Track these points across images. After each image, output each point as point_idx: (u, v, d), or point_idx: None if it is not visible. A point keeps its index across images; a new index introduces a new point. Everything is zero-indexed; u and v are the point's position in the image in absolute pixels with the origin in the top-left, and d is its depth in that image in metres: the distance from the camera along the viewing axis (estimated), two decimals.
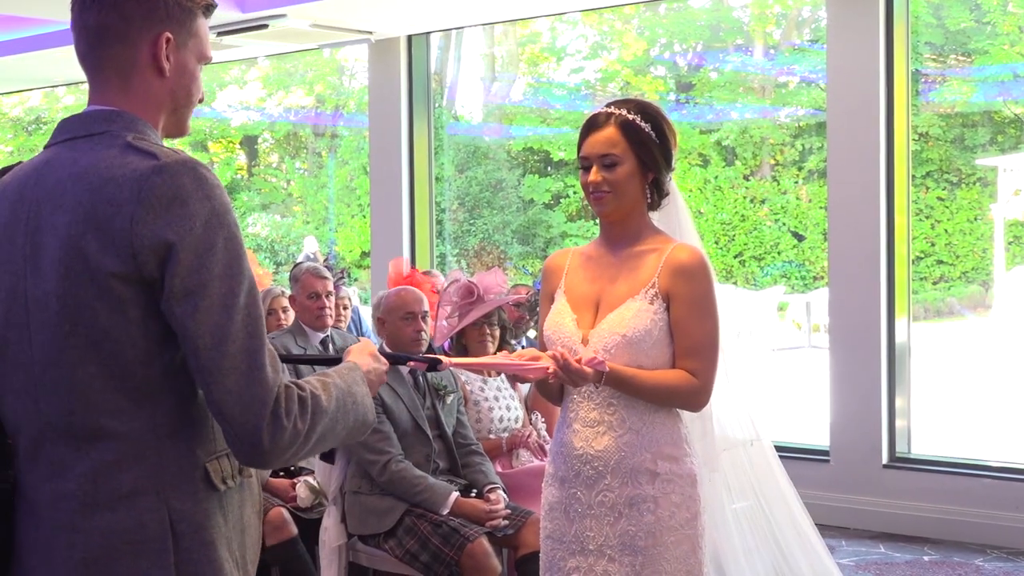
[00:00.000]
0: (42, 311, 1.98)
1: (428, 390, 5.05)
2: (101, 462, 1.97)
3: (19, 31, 9.88)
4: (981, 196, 19.84)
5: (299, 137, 23.49)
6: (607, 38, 21.84)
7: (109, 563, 1.97)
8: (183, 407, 2.02)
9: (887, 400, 7.34)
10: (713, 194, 21.16)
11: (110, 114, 2.06)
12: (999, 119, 20.52)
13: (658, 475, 3.01)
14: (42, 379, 1.99)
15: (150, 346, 1.96)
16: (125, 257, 1.91)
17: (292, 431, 1.96)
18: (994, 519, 6.85)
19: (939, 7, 19.58)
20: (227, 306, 1.93)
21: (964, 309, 20.13)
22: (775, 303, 18.74)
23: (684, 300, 3.02)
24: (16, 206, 2.05)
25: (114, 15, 2.06)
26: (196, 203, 1.92)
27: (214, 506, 2.04)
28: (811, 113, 20.32)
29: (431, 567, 4.77)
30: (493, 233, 20.90)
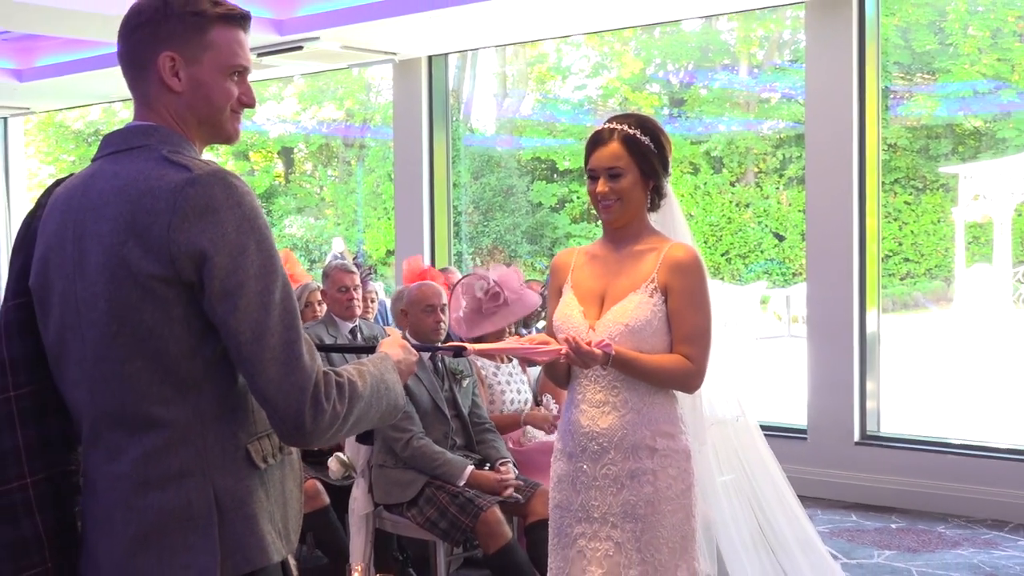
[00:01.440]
0: (91, 312, 1.97)
1: (446, 374, 5.05)
2: (152, 447, 1.96)
3: (79, 52, 9.89)
4: (943, 201, 19.80)
5: (331, 147, 23.49)
6: (607, 58, 21.82)
7: (161, 537, 1.97)
8: (224, 395, 2.01)
9: (859, 384, 7.33)
10: (702, 199, 21.15)
11: (148, 129, 2.05)
12: (960, 131, 20.47)
13: (656, 451, 3.02)
14: (94, 373, 1.99)
15: (192, 341, 1.95)
16: (164, 262, 1.90)
17: (332, 413, 1.95)
18: (954, 491, 6.84)
19: (906, 30, 19.53)
20: (264, 303, 1.92)
21: (928, 302, 20.09)
22: (758, 297, 18.75)
23: (680, 293, 3.03)
24: (64, 216, 2.04)
25: (127, 44, 2.07)
26: (227, 211, 1.91)
27: (256, 483, 2.03)
28: (791, 126, 20.29)
29: (449, 533, 4.77)
30: (505, 234, 20.89)
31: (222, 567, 1.96)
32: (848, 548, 6.12)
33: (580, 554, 3.04)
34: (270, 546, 2.03)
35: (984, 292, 16.22)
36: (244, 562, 1.99)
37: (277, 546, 2.05)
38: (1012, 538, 6.29)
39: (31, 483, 2.04)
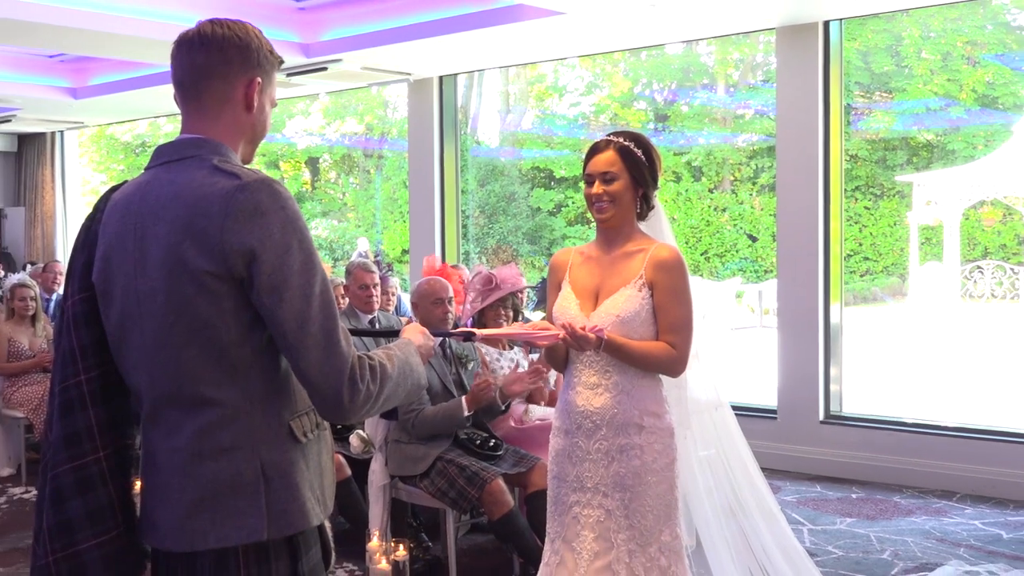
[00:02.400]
0: (150, 304, 2.00)
1: (453, 359, 5.06)
2: (206, 424, 1.99)
3: (127, 73, 9.90)
4: (899, 206, 19.80)
5: (352, 158, 23.50)
6: (599, 78, 21.82)
7: (214, 502, 1.99)
8: (270, 378, 2.03)
9: (823, 369, 7.34)
10: (684, 204, 21.16)
11: (198, 141, 2.06)
12: (914, 144, 20.48)
13: (644, 428, 3.03)
14: (153, 359, 2.02)
15: (242, 330, 1.98)
16: (217, 260, 1.93)
17: (366, 392, 1.99)
18: (908, 464, 6.84)
19: (866, 53, 19.53)
20: (306, 295, 1.95)
21: (885, 296, 20.10)
22: (733, 292, 18.76)
23: (665, 288, 3.04)
24: (125, 218, 2.06)
25: (219, 56, 2.07)
26: (272, 214, 1.94)
27: (298, 455, 2.05)
28: (763, 139, 20.29)
29: (457, 502, 4.77)
30: (507, 235, 20.92)
31: (268, 529, 1.99)
32: (813, 516, 6.12)
33: (575, 520, 3.05)
34: (310, 511, 2.05)
35: (935, 288, 16.21)
36: (287, 525, 2.02)
37: (316, 511, 2.08)
38: (959, 507, 6.29)
39: (103, 456, 2.07)
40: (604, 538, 2.99)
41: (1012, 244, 18.97)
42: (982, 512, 6.17)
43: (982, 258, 17.92)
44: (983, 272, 16.84)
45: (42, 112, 11.56)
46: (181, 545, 2.01)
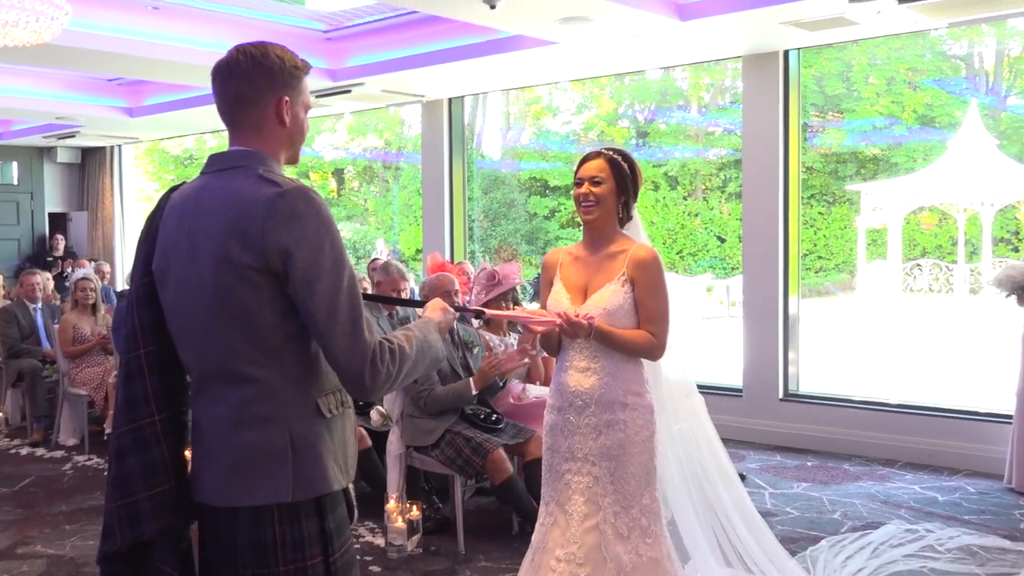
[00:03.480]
0: (200, 292, 2.01)
1: (461, 345, 5.06)
2: (245, 397, 2.01)
3: (177, 94, 9.89)
4: (849, 212, 19.82)
5: (373, 169, 23.47)
6: (588, 100, 21.81)
7: (249, 465, 2.02)
8: (301, 360, 2.04)
9: (783, 354, 7.34)
10: (662, 210, 21.18)
11: (246, 153, 2.08)
12: (862, 157, 20.50)
13: (627, 405, 3.02)
14: (201, 339, 2.04)
15: (277, 318, 2.00)
16: (258, 256, 1.95)
17: (386, 373, 2.01)
18: (857, 436, 6.84)
19: (820, 78, 19.53)
20: (335, 290, 1.96)
21: (837, 290, 20.12)
22: (704, 286, 18.78)
23: (644, 284, 3.03)
24: (180, 218, 2.08)
25: (248, 86, 2.09)
26: (308, 218, 1.95)
27: (323, 429, 2.06)
28: (731, 153, 20.29)
29: (464, 469, 4.78)
30: (508, 237, 20.91)
31: (294, 492, 2.01)
32: (774, 481, 6.12)
33: (567, 486, 3.05)
34: (332, 478, 2.06)
35: (880, 283, 16.24)
36: (311, 489, 2.03)
37: (338, 478, 2.09)
38: (900, 473, 6.29)
39: (158, 419, 2.09)
40: (592, 501, 2.99)
41: (947, 245, 18.97)
42: (920, 478, 6.18)
43: (921, 257, 17.93)
44: (922, 269, 16.85)
45: (102, 129, 11.56)
46: (222, 501, 2.04)
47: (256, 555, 2.01)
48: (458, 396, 4.87)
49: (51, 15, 5.66)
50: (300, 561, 2.02)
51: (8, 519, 5.54)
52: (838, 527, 5.15)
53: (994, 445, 6.24)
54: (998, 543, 4.80)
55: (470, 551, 4.78)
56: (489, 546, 4.84)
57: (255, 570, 2.02)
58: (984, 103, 18.84)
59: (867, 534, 4.91)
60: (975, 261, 16.30)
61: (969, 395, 8.50)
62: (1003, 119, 19.47)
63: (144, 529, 2.06)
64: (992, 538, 4.88)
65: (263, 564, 2.01)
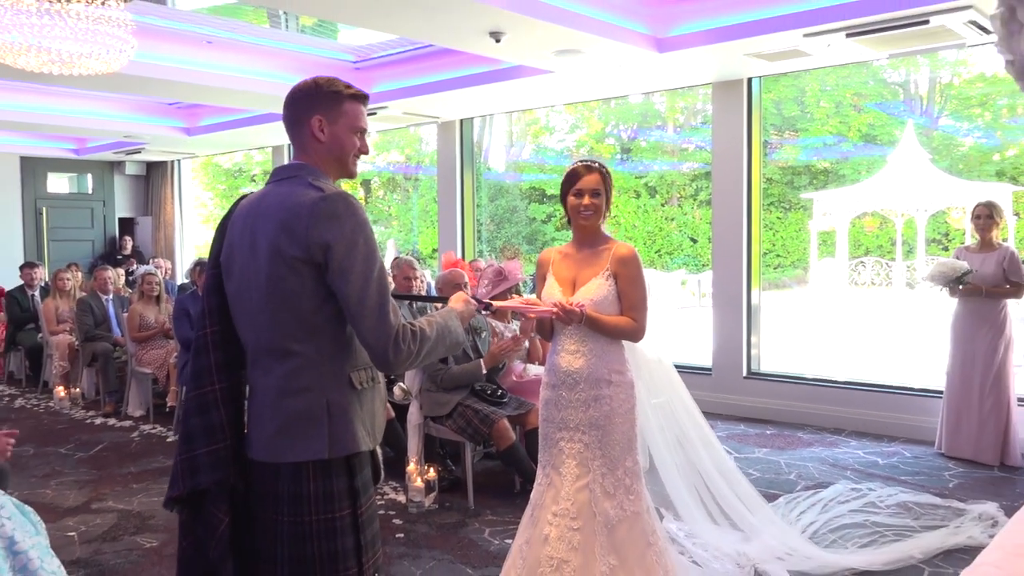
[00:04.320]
0: (256, 280, 2.07)
1: (470, 329, 5.05)
2: (290, 369, 2.05)
3: (228, 116, 9.88)
4: (803, 217, 19.77)
5: (395, 180, 23.43)
6: (579, 120, 21.77)
7: (292, 428, 2.05)
8: (337, 339, 2.07)
9: (746, 338, 7.33)
10: (642, 215, 21.14)
11: (301, 166, 2.14)
12: (815, 170, 20.43)
13: (612, 382, 3.01)
14: (256, 320, 2.09)
15: (318, 302, 2.03)
16: (303, 249, 1.99)
17: (407, 351, 2.04)
18: (810, 409, 6.84)
19: (779, 102, 19.48)
20: (366, 279, 2.00)
21: (792, 284, 20.07)
22: (679, 280, 18.75)
23: (626, 277, 3.02)
24: (246, 219, 2.13)
25: (289, 110, 2.17)
26: (345, 218, 2.00)
27: (354, 399, 2.10)
28: (702, 166, 20.26)
29: (473, 436, 4.78)
30: (511, 238, 20.87)
31: (329, 450, 2.05)
32: (738, 447, 6.12)
33: (560, 451, 3.04)
34: (360, 440, 2.10)
35: (829, 277, 16.19)
36: (343, 448, 2.06)
37: (366, 440, 2.12)
38: (847, 440, 6.29)
39: (218, 388, 2.14)
40: (583, 465, 2.98)
41: (887, 245, 18.92)
42: (864, 444, 6.17)
43: (865, 255, 17.88)
44: (865, 266, 16.81)
45: (163, 145, 11.55)
46: (268, 457, 2.07)
47: (293, 505, 2.04)
48: (470, 374, 4.87)
49: (119, 48, 5.65)
50: (330, 512, 2.05)
51: (84, 479, 5.55)
52: (793, 487, 5.15)
53: (927, 416, 6.23)
54: (930, 500, 4.79)
55: (479, 506, 4.79)
56: (495, 502, 4.85)
57: (291, 518, 2.04)
58: (919, 123, 18.78)
59: (818, 492, 4.91)
60: (911, 259, 16.25)
61: (905, 373, 8.49)
62: (935, 137, 19.41)
63: (201, 479, 2.10)
64: (925, 495, 4.88)
65: (298, 513, 2.04)
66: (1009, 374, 5.60)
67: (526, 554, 3.00)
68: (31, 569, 3.11)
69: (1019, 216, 16.59)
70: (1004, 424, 5.57)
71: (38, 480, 5.51)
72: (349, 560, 2.06)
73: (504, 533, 4.35)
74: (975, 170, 18.35)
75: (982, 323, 5.60)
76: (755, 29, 5.84)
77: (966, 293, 5.60)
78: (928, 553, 3.99)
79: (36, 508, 3.57)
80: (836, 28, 5.56)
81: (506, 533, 4.34)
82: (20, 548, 3.12)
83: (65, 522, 4.68)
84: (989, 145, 18.98)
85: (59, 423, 7.23)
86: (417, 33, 5.90)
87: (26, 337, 9.09)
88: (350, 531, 2.07)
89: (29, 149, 12.16)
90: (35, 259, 11.43)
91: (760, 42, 5.95)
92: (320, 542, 2.04)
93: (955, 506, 4.65)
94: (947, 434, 5.78)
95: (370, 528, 2.12)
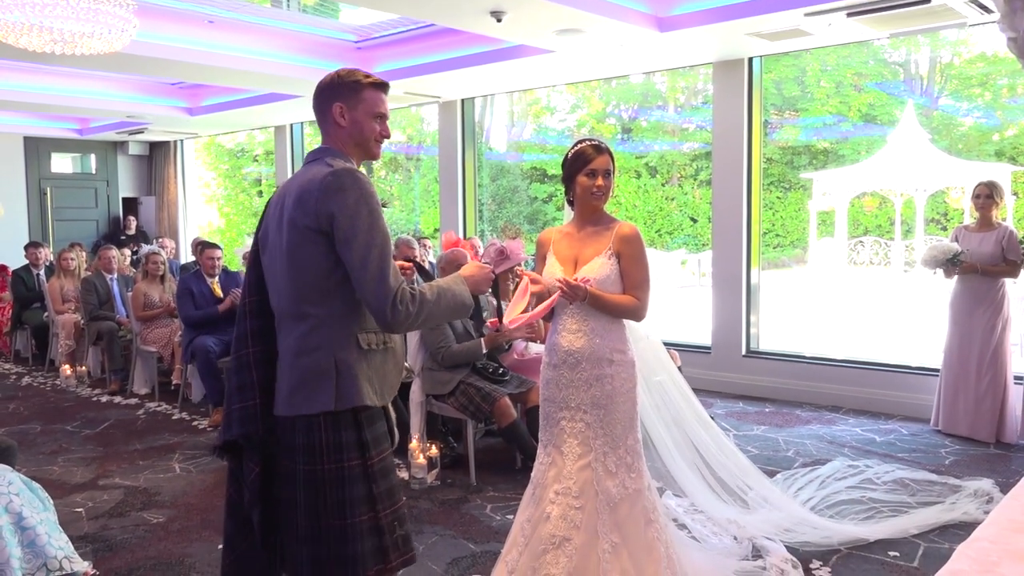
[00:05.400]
0: (280, 250, 2.26)
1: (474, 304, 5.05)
2: (305, 330, 2.23)
3: (230, 96, 9.83)
4: (802, 197, 19.71)
5: (397, 160, 23.34)
6: (580, 100, 21.65)
7: (306, 384, 2.23)
8: (346, 302, 2.22)
9: (745, 317, 7.33)
10: (643, 195, 21.06)
11: (326, 149, 2.32)
12: (814, 150, 20.34)
13: (613, 361, 3.00)
14: (280, 286, 2.28)
15: (329, 268, 2.19)
16: (313, 219, 2.17)
17: (405, 311, 2.18)
18: (807, 387, 6.85)
19: (779, 82, 19.36)
20: (368, 246, 2.14)
21: (791, 263, 20.05)
22: (679, 260, 18.72)
23: (628, 257, 3.00)
24: (278, 198, 2.33)
25: (315, 100, 2.36)
26: (350, 191, 2.15)
27: (361, 359, 2.25)
28: (702, 146, 20.16)
29: (475, 414, 4.79)
30: (512, 218, 20.80)
31: (335, 403, 2.21)
32: (737, 424, 6.14)
33: (562, 431, 3.04)
34: (366, 395, 2.24)
35: (828, 257, 16.17)
36: (348, 401, 2.22)
37: (372, 396, 2.26)
38: (844, 418, 6.31)
39: (253, 351, 2.33)
40: (585, 444, 2.98)
41: (886, 224, 18.88)
42: (861, 422, 6.19)
43: (863, 235, 17.84)
44: (864, 245, 16.78)
45: (166, 125, 11.51)
46: (287, 411, 2.25)
47: (308, 454, 2.21)
48: (470, 353, 4.88)
49: (121, 27, 5.62)
50: (340, 461, 2.21)
51: (91, 456, 5.57)
52: (791, 463, 5.17)
53: (924, 394, 6.25)
54: (926, 476, 4.81)
55: (480, 483, 4.81)
56: (496, 479, 4.87)
57: (306, 466, 2.22)
58: (919, 103, 18.68)
59: (816, 469, 4.93)
60: (910, 238, 16.21)
61: (903, 352, 8.50)
62: (935, 117, 19.31)
63: (234, 432, 2.30)
64: (921, 472, 4.89)
65: (312, 461, 2.21)
66: (1006, 352, 5.61)
67: (528, 532, 3.01)
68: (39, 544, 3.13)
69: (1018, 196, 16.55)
70: (1000, 402, 5.58)
71: (45, 457, 5.54)
72: (360, 507, 2.22)
73: (505, 509, 4.37)
74: (974, 150, 18.28)
75: (980, 302, 5.60)
76: (756, 8, 5.80)
77: (963, 272, 5.59)
78: (924, 528, 4.02)
79: (44, 484, 3.59)
80: (837, 7, 5.52)
81: (507, 509, 4.36)
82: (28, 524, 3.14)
83: (73, 498, 4.71)
84: (989, 125, 18.89)
85: (66, 401, 7.26)
86: (418, 12, 5.86)
87: (32, 316, 9.11)
88: (360, 480, 2.23)
89: (32, 129, 12.12)
90: (40, 239, 11.43)
91: (761, 21, 5.91)
92: (332, 489, 2.21)
93: (951, 482, 4.67)
94: (944, 412, 5.80)
95: (384, 480, 2.27)
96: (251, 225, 20.39)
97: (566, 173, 3.07)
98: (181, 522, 4.32)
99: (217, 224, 19.82)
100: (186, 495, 4.74)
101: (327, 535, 2.20)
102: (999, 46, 17.08)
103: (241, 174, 21.61)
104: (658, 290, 3.41)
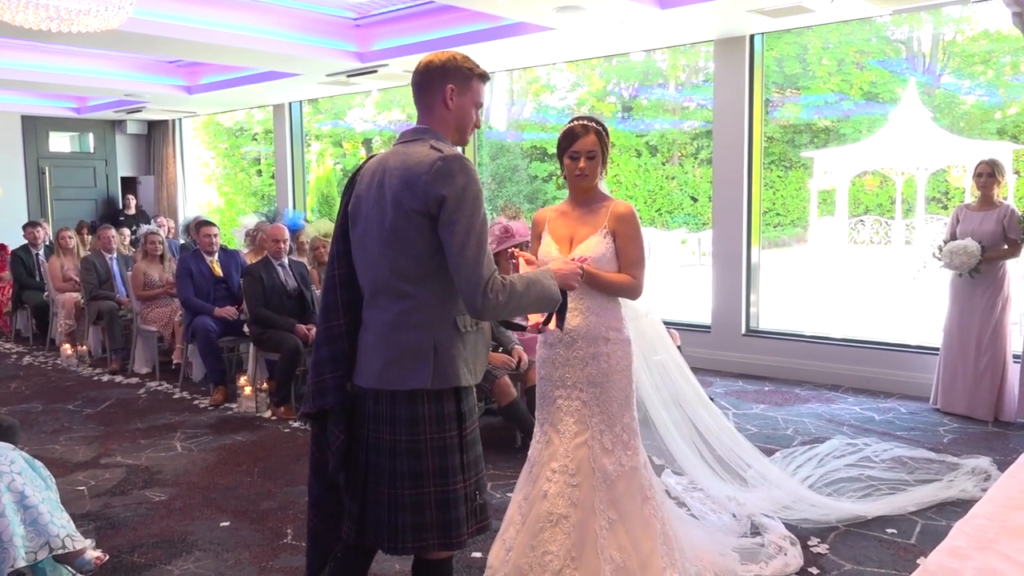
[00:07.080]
0: (379, 229, 2.29)
1: None
2: (404, 308, 2.28)
3: (229, 74, 9.77)
4: (803, 176, 19.67)
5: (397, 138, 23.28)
6: (581, 79, 21.53)
7: (402, 360, 2.28)
8: (446, 285, 2.26)
9: (745, 295, 7.33)
10: (643, 174, 21.00)
11: (425, 129, 2.35)
12: (815, 129, 20.26)
13: (609, 339, 3.00)
14: (376, 263, 2.31)
15: (431, 250, 2.23)
16: (421, 202, 2.20)
17: (494, 300, 2.20)
18: (806, 366, 6.87)
19: (781, 60, 19.24)
20: (467, 232, 2.18)
21: (792, 242, 20.02)
22: (680, 239, 18.71)
23: (623, 235, 2.99)
24: (374, 174, 2.35)
25: (426, 76, 2.37)
26: (459, 176, 2.19)
27: (458, 339, 2.31)
28: (703, 125, 20.07)
29: (476, 394, 4.79)
30: (512, 196, 20.76)
31: (432, 381, 2.27)
32: (737, 403, 6.16)
33: (558, 409, 3.04)
34: (461, 376, 2.32)
35: (829, 236, 16.15)
36: (445, 381, 2.29)
37: (467, 377, 2.34)
38: (843, 396, 6.32)
39: (343, 322, 2.39)
40: (581, 422, 2.99)
41: (886, 203, 18.83)
42: (860, 400, 6.21)
43: (864, 214, 17.81)
44: (865, 224, 16.76)
45: (165, 104, 11.45)
46: (381, 385, 2.30)
47: (410, 425, 2.29)
48: None
49: (118, 4, 5.57)
50: (441, 432, 2.30)
51: (92, 435, 5.59)
52: (791, 441, 5.18)
53: (923, 373, 6.26)
54: (925, 454, 4.83)
55: None
56: (496, 456, 4.89)
57: (409, 436, 2.29)
58: (921, 81, 18.57)
59: (814, 447, 4.95)
60: (910, 217, 16.18)
61: (902, 330, 8.51)
62: (937, 95, 19.22)
63: (328, 400, 2.37)
64: (920, 450, 4.91)
65: (414, 432, 2.29)
66: (1006, 331, 5.61)
67: (525, 510, 3.03)
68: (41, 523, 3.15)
69: (1019, 175, 16.50)
70: (999, 380, 5.59)
71: (47, 436, 5.56)
72: (457, 475, 2.33)
73: (505, 487, 4.39)
74: (976, 128, 18.20)
75: (980, 280, 5.60)
76: None
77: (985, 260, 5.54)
78: (922, 506, 4.04)
79: (46, 463, 3.60)
80: None
81: (507, 487, 4.38)
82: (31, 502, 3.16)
83: (75, 477, 4.73)
84: (991, 103, 18.80)
85: (67, 380, 7.28)
86: None
87: (32, 295, 9.11)
88: (457, 450, 2.33)
89: (30, 108, 12.07)
90: (38, 218, 11.41)
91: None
92: (433, 458, 2.30)
93: (949, 460, 4.69)
94: (943, 390, 5.81)
95: (473, 450, 2.39)
96: (250, 204, 20.33)
97: (558, 151, 3.08)
98: (183, 500, 4.35)
99: (216, 203, 19.78)
100: (187, 473, 4.77)
101: (428, 502, 2.30)
102: (1003, 23, 16.96)
103: (240, 153, 21.54)
104: (658, 269, 3.36)
